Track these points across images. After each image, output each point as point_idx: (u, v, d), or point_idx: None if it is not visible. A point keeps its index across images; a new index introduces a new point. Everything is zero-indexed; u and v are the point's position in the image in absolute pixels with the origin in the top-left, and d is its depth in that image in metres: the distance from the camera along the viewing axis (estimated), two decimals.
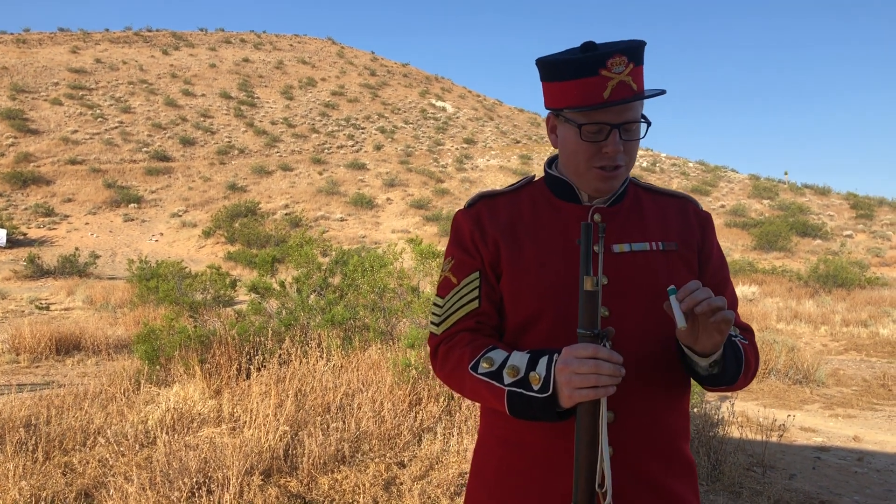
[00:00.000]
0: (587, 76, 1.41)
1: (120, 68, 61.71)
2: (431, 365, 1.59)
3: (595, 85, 1.41)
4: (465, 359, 1.46)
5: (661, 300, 1.41)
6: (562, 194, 1.58)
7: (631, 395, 1.42)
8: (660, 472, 1.46)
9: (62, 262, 22.78)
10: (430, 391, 5.41)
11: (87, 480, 4.12)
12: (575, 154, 1.50)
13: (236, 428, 4.96)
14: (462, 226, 1.60)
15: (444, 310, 1.56)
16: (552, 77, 1.48)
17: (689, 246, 1.57)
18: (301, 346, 6.45)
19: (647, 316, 1.47)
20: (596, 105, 1.41)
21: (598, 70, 1.40)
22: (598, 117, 1.44)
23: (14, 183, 37.53)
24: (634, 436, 1.43)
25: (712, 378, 1.45)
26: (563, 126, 1.52)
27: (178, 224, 35.95)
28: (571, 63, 1.42)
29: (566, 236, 1.51)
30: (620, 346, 1.40)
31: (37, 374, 8.36)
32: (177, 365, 6.35)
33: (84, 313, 14.24)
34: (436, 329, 1.58)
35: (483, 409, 1.60)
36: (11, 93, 50.18)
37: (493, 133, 62.75)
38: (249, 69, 68.57)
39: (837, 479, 5.18)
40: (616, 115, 1.43)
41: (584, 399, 1.27)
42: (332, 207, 40.14)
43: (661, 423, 1.48)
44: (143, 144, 46.41)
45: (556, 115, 1.54)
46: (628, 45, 1.42)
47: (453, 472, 4.29)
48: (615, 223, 1.54)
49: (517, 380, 1.36)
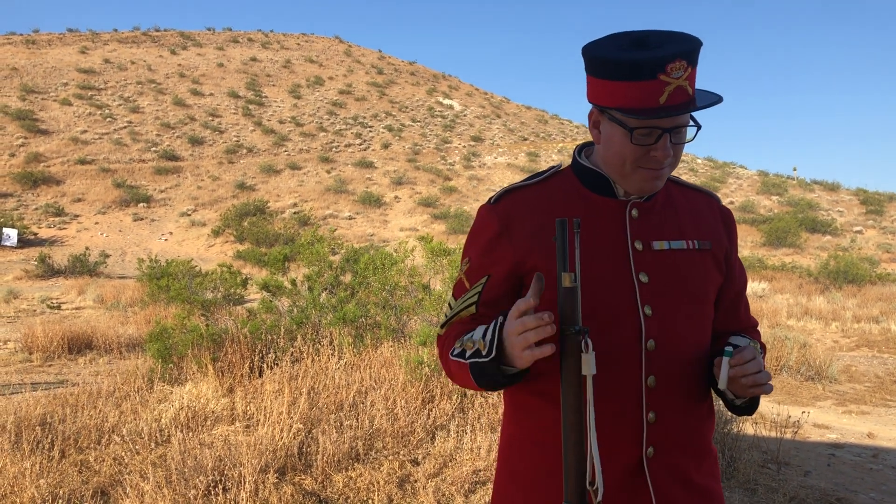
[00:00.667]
0: (644, 79, 1.33)
1: (128, 68, 61.89)
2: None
3: (652, 89, 1.33)
4: (447, 347, 1.49)
5: (698, 301, 1.47)
6: (595, 187, 1.51)
7: (672, 395, 1.44)
8: (694, 469, 1.48)
9: (73, 261, 22.87)
10: (442, 388, 5.41)
11: (103, 478, 4.14)
12: (620, 155, 1.43)
13: (250, 426, 4.97)
14: (486, 225, 1.52)
15: (453, 312, 1.55)
16: (603, 74, 1.39)
17: (719, 245, 1.57)
18: (313, 344, 6.47)
19: (686, 316, 1.47)
20: (651, 111, 1.34)
21: (657, 74, 1.32)
22: (650, 122, 1.37)
23: (24, 183, 37.71)
24: (672, 435, 1.44)
25: (736, 408, 1.52)
26: (609, 125, 1.44)
27: (187, 223, 36.05)
28: (628, 64, 1.34)
29: (604, 233, 1.46)
30: (664, 345, 1.42)
31: (50, 372, 8.40)
32: (189, 363, 6.37)
33: (95, 312, 14.30)
34: (440, 331, 1.58)
35: (515, 415, 1.54)
36: (21, 93, 50.39)
37: (501, 130, 62.66)
38: (257, 68, 68.65)
39: (853, 476, 5.15)
40: (668, 120, 1.38)
41: (532, 358, 1.26)
42: (340, 206, 40.18)
43: (695, 422, 1.49)
44: (152, 144, 46.54)
45: (602, 111, 1.45)
46: (689, 47, 1.34)
47: (467, 470, 4.29)
48: (653, 220, 1.50)
49: (474, 351, 1.37)
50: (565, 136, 66.21)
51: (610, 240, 1.46)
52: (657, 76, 1.32)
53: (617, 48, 1.38)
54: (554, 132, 67.15)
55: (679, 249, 1.49)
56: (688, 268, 1.49)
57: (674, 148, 1.42)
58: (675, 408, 1.44)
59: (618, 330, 1.40)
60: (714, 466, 1.54)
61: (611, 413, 1.39)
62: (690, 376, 1.47)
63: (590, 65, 1.41)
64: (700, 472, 1.48)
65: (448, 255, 7.55)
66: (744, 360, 1.37)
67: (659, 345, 1.41)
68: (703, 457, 1.51)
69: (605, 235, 1.46)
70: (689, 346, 1.46)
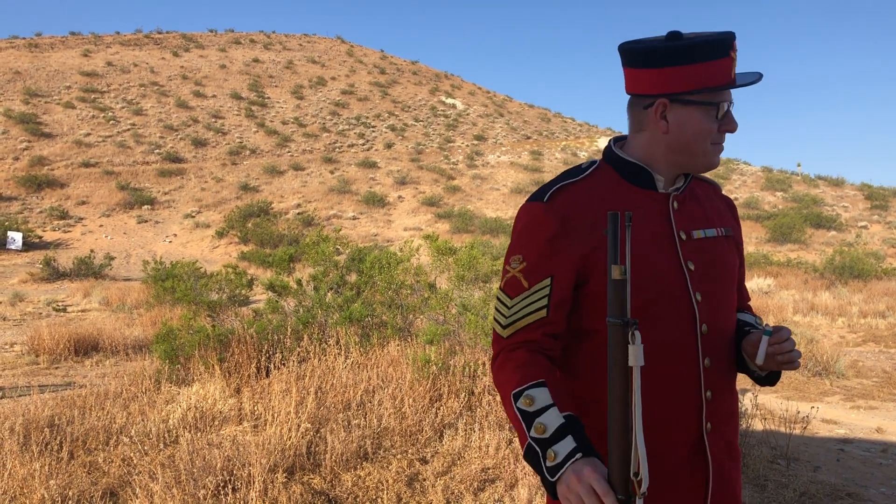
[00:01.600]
0: (721, 57, 1.48)
1: (131, 71, 61.97)
2: (490, 365, 1.61)
3: (727, 66, 1.49)
4: (512, 383, 1.49)
5: (731, 284, 1.63)
6: (638, 181, 1.59)
7: (721, 373, 1.58)
8: (732, 435, 1.63)
9: (77, 264, 22.90)
10: (450, 387, 5.40)
11: (112, 479, 4.14)
12: (702, 134, 1.53)
13: (258, 426, 4.97)
14: (543, 223, 1.52)
15: (511, 312, 1.54)
16: (677, 61, 1.49)
17: (735, 230, 1.71)
18: (319, 343, 6.46)
19: (726, 298, 1.61)
20: (728, 85, 1.50)
21: (729, 52, 1.49)
22: (726, 96, 1.53)
23: (29, 186, 37.76)
24: (722, 408, 1.58)
25: (759, 379, 1.67)
26: (687, 109, 1.53)
27: (191, 225, 36.08)
28: (710, 45, 1.47)
29: (653, 225, 1.55)
30: (713, 327, 1.56)
31: (56, 375, 8.41)
32: (196, 364, 6.37)
33: (101, 314, 14.32)
34: (502, 331, 1.57)
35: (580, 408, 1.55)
36: (25, 97, 50.47)
37: (504, 129, 62.61)
38: (259, 69, 68.68)
39: (862, 471, 5.13)
40: (729, 94, 1.55)
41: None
42: (343, 206, 40.17)
43: (732, 394, 1.64)
44: (156, 146, 46.59)
45: (674, 99, 1.53)
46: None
47: (476, 468, 4.28)
48: (688, 210, 1.62)
49: (540, 439, 1.39)
50: (568, 133, 66.13)
51: (659, 231, 1.55)
52: (729, 53, 1.49)
53: (671, 39, 1.51)
54: (557, 130, 67.07)
55: (712, 237, 1.62)
56: (721, 253, 1.63)
57: None
58: (723, 384, 1.58)
59: (677, 317, 1.51)
60: (737, 427, 1.69)
61: (674, 394, 1.50)
62: (731, 354, 1.61)
63: (667, 55, 1.50)
64: (735, 437, 1.64)
65: (453, 253, 7.54)
66: (782, 339, 1.51)
67: (710, 328, 1.54)
68: (736, 423, 1.66)
69: (654, 227, 1.55)
70: (729, 326, 1.61)
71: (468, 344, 6.25)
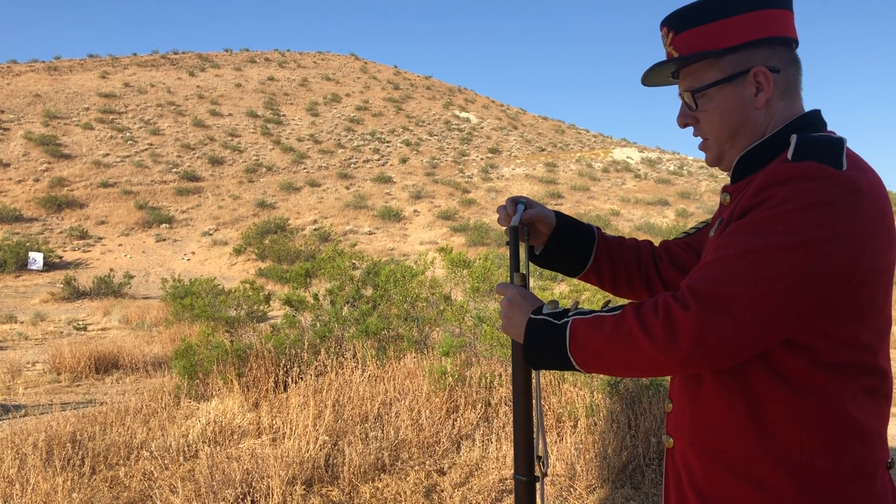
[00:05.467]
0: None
1: (148, 91, 62.77)
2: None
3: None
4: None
5: None
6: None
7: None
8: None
9: (97, 283, 23.14)
10: (466, 398, 5.41)
11: (134, 493, 4.18)
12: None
13: (276, 439, 5.00)
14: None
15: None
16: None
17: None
18: (336, 357, 6.50)
19: None
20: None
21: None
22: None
23: (49, 207, 38.27)
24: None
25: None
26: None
27: (209, 242, 36.37)
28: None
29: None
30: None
31: (78, 392, 8.50)
32: (215, 379, 6.43)
33: (121, 332, 14.45)
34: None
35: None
36: (45, 119, 51.24)
37: (518, 142, 62.73)
38: (275, 87, 69.36)
39: None
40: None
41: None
42: (360, 221, 40.35)
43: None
44: (173, 165, 47.08)
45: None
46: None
47: (493, 479, 4.29)
48: None
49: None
50: (583, 145, 66.12)
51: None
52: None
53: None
54: (571, 142, 67.09)
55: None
56: None
57: None
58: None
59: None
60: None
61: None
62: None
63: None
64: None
65: (468, 265, 7.57)
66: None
67: None
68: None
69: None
70: None
71: (484, 355, 6.26)
